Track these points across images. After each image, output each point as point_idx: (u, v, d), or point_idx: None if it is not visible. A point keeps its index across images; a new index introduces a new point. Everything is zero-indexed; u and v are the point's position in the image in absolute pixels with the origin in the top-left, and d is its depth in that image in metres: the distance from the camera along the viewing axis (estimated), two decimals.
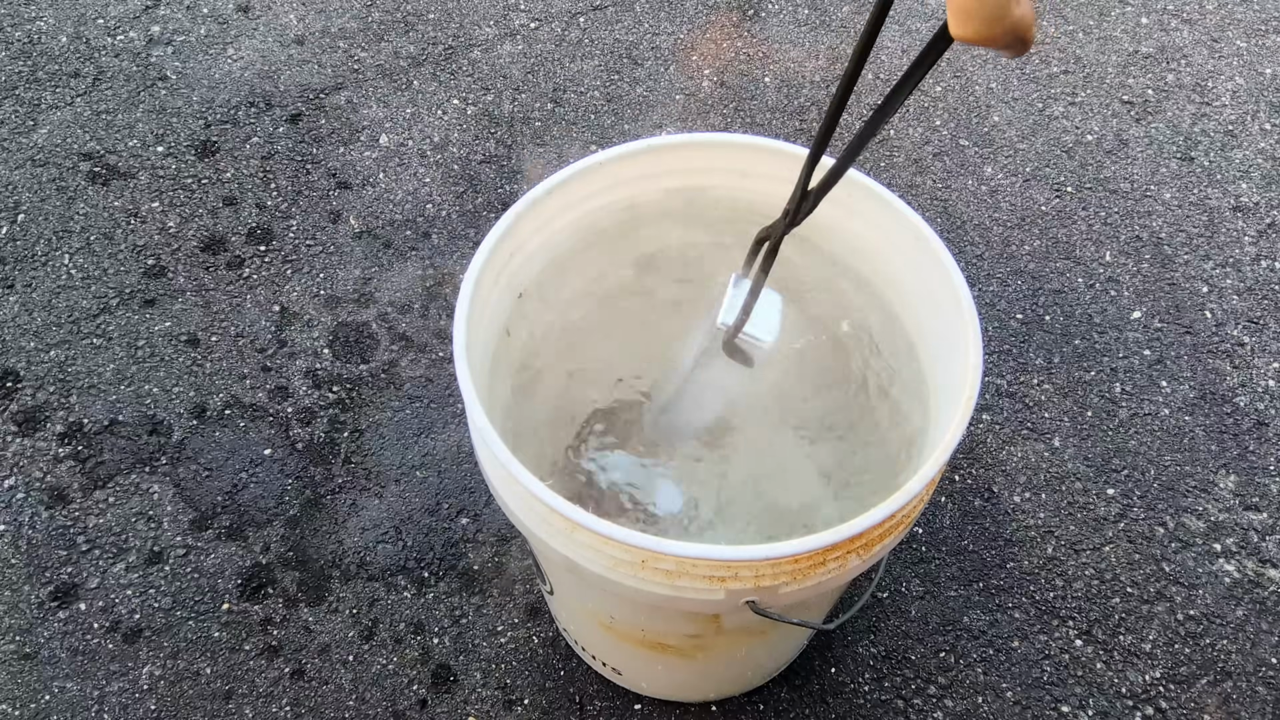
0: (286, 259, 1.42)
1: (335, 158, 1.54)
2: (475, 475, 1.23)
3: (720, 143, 0.90)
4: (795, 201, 0.67)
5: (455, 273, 1.42)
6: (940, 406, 0.80)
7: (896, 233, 0.85)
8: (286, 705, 1.07)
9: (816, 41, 1.73)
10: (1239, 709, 1.08)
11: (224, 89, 1.62)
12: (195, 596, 1.13)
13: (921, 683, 1.09)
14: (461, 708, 1.07)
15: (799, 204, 0.67)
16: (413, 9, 1.75)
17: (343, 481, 1.22)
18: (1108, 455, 1.26)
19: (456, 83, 1.65)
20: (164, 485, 1.21)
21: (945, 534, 1.20)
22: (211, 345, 1.33)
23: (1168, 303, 1.41)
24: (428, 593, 1.14)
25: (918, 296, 0.86)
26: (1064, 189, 1.54)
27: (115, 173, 1.51)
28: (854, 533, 0.66)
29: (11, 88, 1.61)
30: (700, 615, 0.77)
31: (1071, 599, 1.15)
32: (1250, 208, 1.52)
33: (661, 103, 1.63)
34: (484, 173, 1.53)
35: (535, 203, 0.84)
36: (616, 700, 1.07)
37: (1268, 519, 1.21)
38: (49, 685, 1.07)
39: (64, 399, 1.28)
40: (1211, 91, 1.68)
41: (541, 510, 0.70)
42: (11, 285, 1.38)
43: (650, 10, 1.77)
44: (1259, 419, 1.30)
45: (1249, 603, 1.15)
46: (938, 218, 1.50)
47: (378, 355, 1.33)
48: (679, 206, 0.94)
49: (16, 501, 1.20)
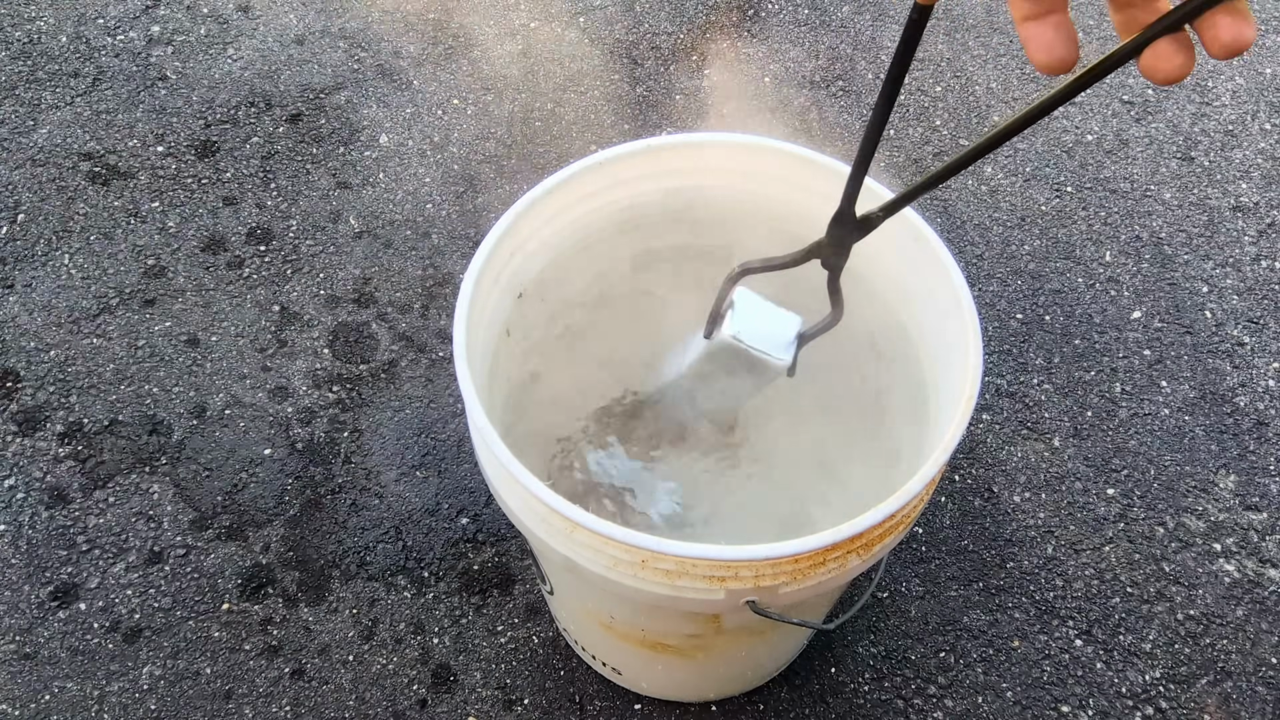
0: (286, 259, 1.42)
1: (335, 158, 1.54)
2: (475, 475, 1.23)
3: (720, 143, 0.90)
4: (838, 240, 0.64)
5: (455, 273, 1.42)
6: (940, 406, 0.80)
7: (897, 232, 0.85)
8: (286, 705, 1.07)
9: (816, 41, 1.73)
10: (1239, 709, 1.08)
11: (224, 89, 1.62)
12: (195, 596, 1.13)
13: (921, 683, 1.09)
14: (461, 708, 1.07)
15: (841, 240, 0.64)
16: (412, 9, 1.75)
17: (343, 481, 1.22)
18: (1108, 455, 1.26)
19: (456, 83, 1.65)
20: (164, 485, 1.21)
21: (945, 534, 1.20)
22: (211, 345, 1.33)
23: (1168, 303, 1.41)
24: (428, 593, 1.14)
25: (918, 296, 0.86)
26: (1064, 189, 1.54)
27: (115, 173, 1.51)
28: (854, 533, 0.66)
29: (11, 88, 1.60)
30: (700, 615, 0.77)
31: (1071, 599, 1.15)
32: (1250, 208, 1.52)
33: (661, 103, 1.63)
34: (484, 173, 1.53)
35: (535, 203, 0.84)
36: (616, 700, 1.07)
37: (1268, 519, 1.21)
38: (49, 685, 1.07)
39: (64, 399, 1.28)
40: (1211, 91, 1.68)
41: (541, 510, 0.70)
42: (11, 285, 1.38)
43: (650, 10, 1.77)
44: (1259, 419, 1.30)
45: (1249, 603, 1.15)
46: (938, 218, 1.50)
47: (378, 355, 1.33)
48: (679, 206, 0.94)
49: (16, 501, 1.20)
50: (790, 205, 0.91)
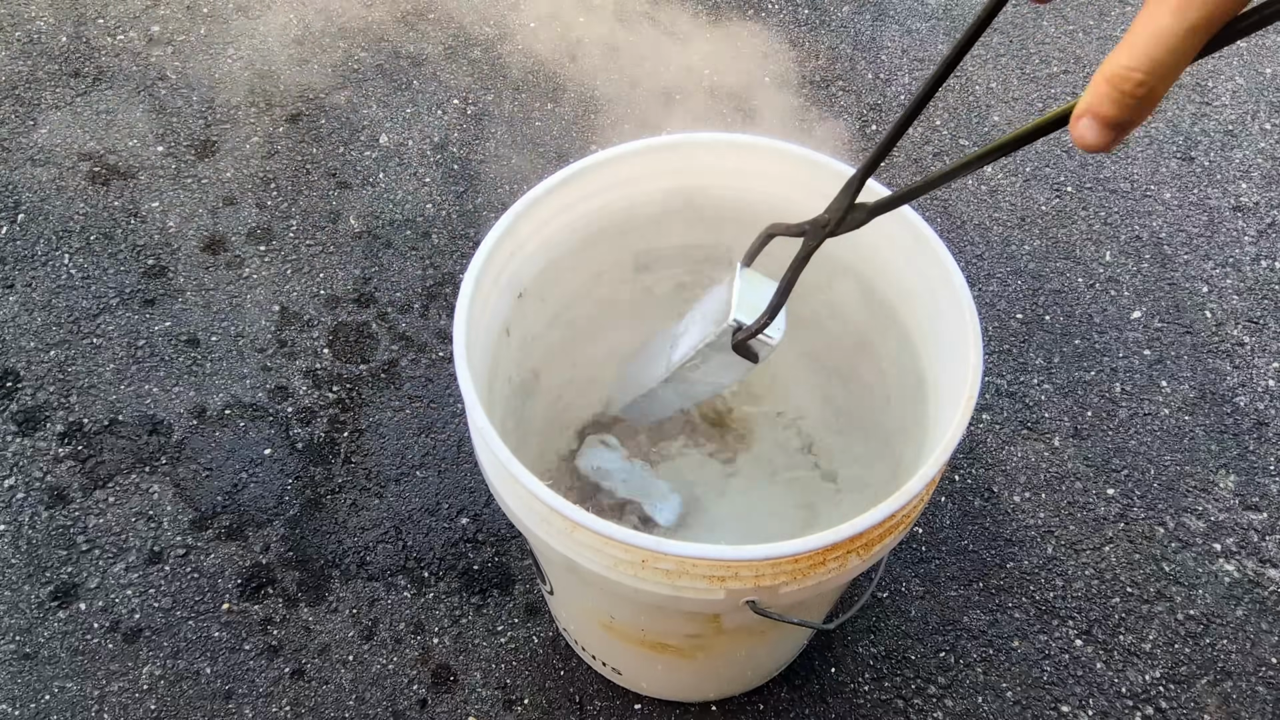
0: (286, 259, 1.42)
1: (335, 158, 1.54)
2: (475, 475, 1.23)
3: (720, 143, 0.90)
4: (841, 211, 0.65)
5: (455, 273, 1.42)
6: (940, 406, 0.80)
7: (896, 233, 0.85)
8: (286, 705, 1.07)
9: (816, 41, 1.73)
10: (1239, 709, 1.08)
11: (224, 89, 1.62)
12: (195, 596, 1.13)
13: (921, 683, 1.09)
14: (461, 708, 1.07)
15: (845, 214, 0.65)
16: (413, 9, 1.75)
17: (343, 481, 1.22)
18: (1108, 455, 1.26)
19: (456, 83, 1.65)
20: (164, 485, 1.21)
21: (945, 534, 1.20)
22: (211, 345, 1.33)
23: (1168, 303, 1.41)
24: (428, 593, 1.14)
25: (918, 296, 0.86)
26: (1064, 189, 1.54)
27: (115, 173, 1.51)
28: (854, 533, 0.66)
29: (11, 88, 1.60)
30: (700, 615, 0.77)
31: (1071, 599, 1.15)
32: (1250, 208, 1.52)
33: (661, 102, 1.63)
34: (484, 173, 1.53)
35: (535, 203, 0.84)
36: (616, 700, 1.07)
37: (1268, 519, 1.21)
38: (49, 685, 1.07)
39: (64, 399, 1.28)
40: (1211, 91, 1.68)
41: (542, 510, 0.70)
42: (11, 285, 1.38)
43: (650, 10, 1.77)
44: (1259, 419, 1.30)
45: (1249, 603, 1.15)
46: (938, 218, 1.50)
47: (378, 355, 1.33)
48: (679, 206, 0.94)
49: (16, 501, 1.20)
50: (790, 205, 0.91)
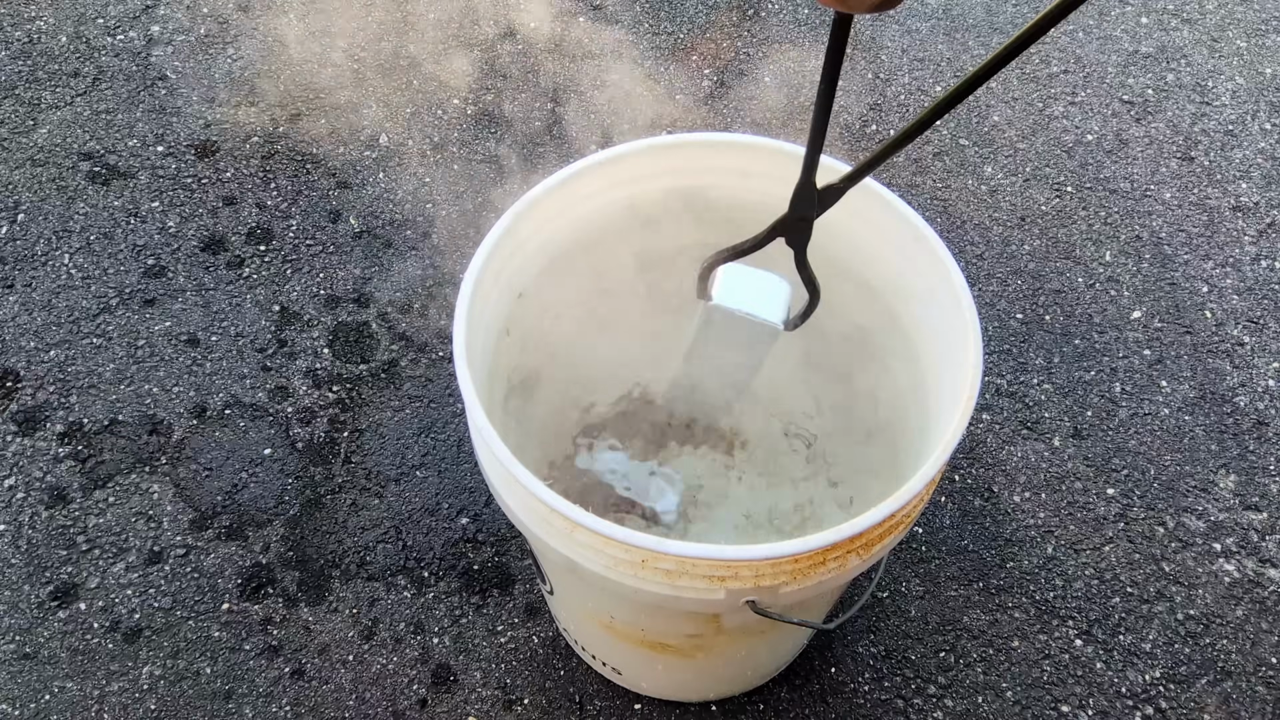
0: (286, 259, 1.42)
1: (335, 157, 1.54)
2: (475, 475, 1.23)
3: (720, 143, 0.90)
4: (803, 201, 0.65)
5: (455, 273, 1.42)
6: (940, 406, 0.80)
7: (896, 232, 0.85)
8: (286, 705, 1.07)
9: (816, 41, 1.73)
10: (1239, 709, 1.08)
11: (224, 89, 1.62)
12: (195, 596, 1.13)
13: (921, 682, 1.09)
14: (461, 707, 1.07)
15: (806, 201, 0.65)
16: (412, 9, 1.75)
17: (343, 481, 1.22)
18: (1108, 455, 1.26)
19: (456, 83, 1.65)
20: (164, 485, 1.21)
21: (945, 534, 1.20)
22: (211, 345, 1.33)
23: (1168, 303, 1.41)
24: (428, 592, 1.14)
25: (918, 296, 0.86)
26: (1064, 189, 1.54)
27: (115, 173, 1.51)
28: (854, 532, 0.66)
29: (11, 88, 1.61)
30: (700, 615, 0.77)
31: (1071, 599, 1.15)
32: (1250, 208, 1.52)
33: (661, 102, 1.63)
34: (484, 173, 1.53)
35: (535, 202, 0.84)
36: (616, 700, 1.07)
37: (1268, 519, 1.21)
38: (49, 685, 1.07)
39: (64, 399, 1.28)
40: (1211, 91, 1.68)
41: (542, 510, 0.70)
42: (11, 285, 1.38)
43: (650, 10, 1.77)
44: (1259, 419, 1.30)
45: (1249, 603, 1.15)
46: (938, 218, 1.50)
47: (378, 355, 1.33)
48: (679, 206, 0.94)
49: (16, 501, 1.20)
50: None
